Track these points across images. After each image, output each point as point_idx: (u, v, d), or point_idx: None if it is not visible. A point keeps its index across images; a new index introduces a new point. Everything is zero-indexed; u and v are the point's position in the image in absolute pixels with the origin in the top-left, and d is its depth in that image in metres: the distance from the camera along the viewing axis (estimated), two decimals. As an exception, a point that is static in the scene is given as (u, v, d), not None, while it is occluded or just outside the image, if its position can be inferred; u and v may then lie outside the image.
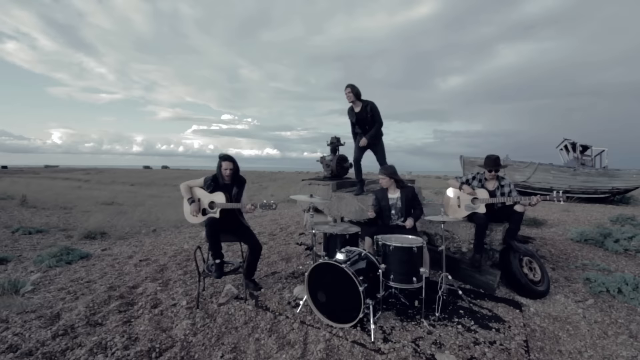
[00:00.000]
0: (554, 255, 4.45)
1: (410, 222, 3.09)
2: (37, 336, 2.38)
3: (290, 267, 3.89)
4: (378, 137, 3.94)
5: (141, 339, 2.31)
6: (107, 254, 4.96)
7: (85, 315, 2.71)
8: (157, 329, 2.44)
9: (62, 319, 2.65)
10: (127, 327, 2.49)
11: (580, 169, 11.56)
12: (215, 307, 2.77)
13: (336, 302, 2.40)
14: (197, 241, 5.54)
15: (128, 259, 4.62)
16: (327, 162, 4.73)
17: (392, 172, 3.18)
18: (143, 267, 4.14)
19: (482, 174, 3.56)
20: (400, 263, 2.50)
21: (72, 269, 4.22)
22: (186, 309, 2.74)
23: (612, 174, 11.23)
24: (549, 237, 5.41)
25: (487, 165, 3.42)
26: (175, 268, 4.03)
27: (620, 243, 4.82)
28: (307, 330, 2.38)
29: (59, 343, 2.27)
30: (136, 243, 5.71)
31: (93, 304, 2.94)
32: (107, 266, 4.25)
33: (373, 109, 3.83)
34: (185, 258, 4.52)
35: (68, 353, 2.16)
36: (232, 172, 2.99)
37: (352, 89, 3.79)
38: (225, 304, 2.82)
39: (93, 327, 2.51)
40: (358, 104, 3.91)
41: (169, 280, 3.56)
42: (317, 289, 2.50)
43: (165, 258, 4.55)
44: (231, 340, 2.27)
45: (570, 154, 12.76)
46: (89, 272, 4.00)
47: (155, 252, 4.97)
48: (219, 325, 2.48)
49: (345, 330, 2.36)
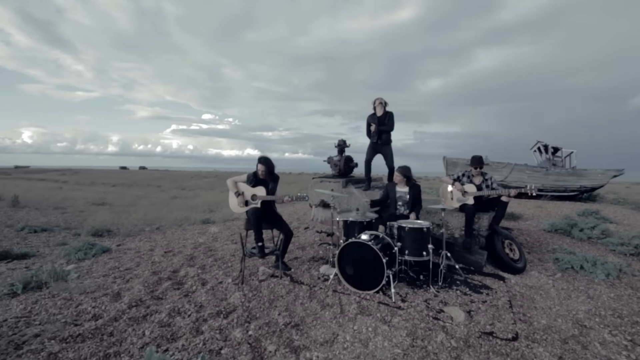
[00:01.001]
0: (529, 243, 5.21)
1: (413, 215, 3.73)
2: (113, 308, 2.84)
3: (308, 253, 4.45)
4: (388, 142, 4.66)
5: (206, 306, 2.82)
6: (126, 248, 5.31)
7: (146, 292, 3.18)
8: (216, 299, 2.96)
9: (125, 296, 3.11)
10: (189, 298, 3.00)
11: (552, 169, 12.68)
12: (257, 283, 3.30)
13: (362, 273, 3.00)
14: (208, 237, 5.96)
15: (150, 251, 5.02)
16: (335, 162, 5.33)
17: (405, 171, 3.83)
18: (171, 257, 4.56)
19: (469, 172, 4.25)
20: (414, 241, 3.13)
21: (101, 260, 4.59)
22: (233, 285, 3.26)
23: (580, 173, 12.40)
24: (525, 229, 6.21)
25: (473, 163, 4.11)
26: (204, 257, 4.50)
27: (584, 232, 5.65)
28: (340, 296, 2.97)
29: (137, 310, 2.75)
30: (146, 239, 6.02)
31: (147, 284, 3.40)
32: (135, 257, 4.64)
33: (391, 117, 4.69)
34: (206, 249, 4.97)
35: (149, 317, 2.65)
36: (267, 171, 3.52)
37: (384, 103, 4.74)
38: (265, 280, 3.36)
39: (158, 300, 3.00)
40: (381, 112, 4.73)
41: (204, 265, 4.04)
42: (345, 264, 3.09)
43: (188, 249, 4.99)
44: (281, 304, 2.82)
45: (543, 155, 13.91)
46: (120, 263, 4.39)
47: (173, 245, 5.35)
48: (266, 295, 3.02)
49: (370, 295, 2.96)
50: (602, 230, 5.63)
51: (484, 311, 2.76)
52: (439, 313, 2.67)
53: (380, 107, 4.74)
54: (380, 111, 4.72)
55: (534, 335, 2.44)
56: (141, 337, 2.34)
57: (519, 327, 2.54)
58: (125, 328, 2.48)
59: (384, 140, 4.63)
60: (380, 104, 4.72)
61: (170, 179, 32.40)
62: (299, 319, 2.57)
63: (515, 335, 2.40)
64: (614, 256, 4.56)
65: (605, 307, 2.99)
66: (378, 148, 4.71)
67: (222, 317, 2.61)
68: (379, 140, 4.61)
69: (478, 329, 2.46)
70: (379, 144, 4.64)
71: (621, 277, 3.74)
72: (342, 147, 5.38)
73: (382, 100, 4.70)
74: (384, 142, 4.64)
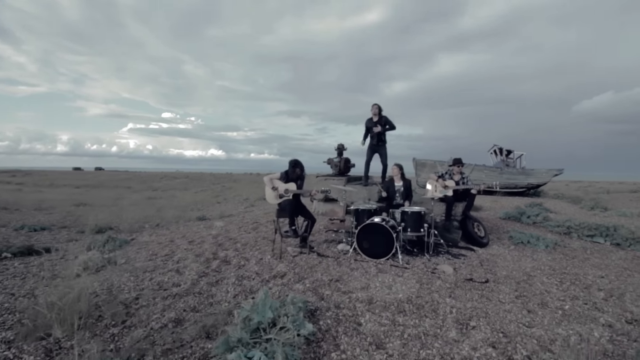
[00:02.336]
0: (489, 227, 6.52)
1: (407, 204, 4.81)
2: (185, 279, 3.57)
3: (319, 238, 5.34)
4: (384, 144, 5.68)
5: (261, 273, 3.66)
6: (142, 241, 5.81)
7: (203, 268, 3.92)
8: (266, 268, 3.80)
9: (186, 272, 3.83)
10: (244, 270, 3.80)
11: (506, 169, 14.62)
12: (291, 258, 4.17)
13: (376, 246, 4.00)
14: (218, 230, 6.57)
15: (171, 242, 5.64)
16: (336, 163, 6.31)
17: (401, 167, 4.90)
18: (199, 245, 5.22)
19: (450, 170, 5.41)
20: (415, 221, 4.20)
21: (131, 250, 5.16)
22: (274, 260, 4.11)
23: (528, 172, 14.44)
24: (485, 217, 7.59)
25: (455, 163, 5.27)
26: (230, 243, 5.23)
27: (530, 218, 7.11)
28: (360, 263, 3.94)
29: (208, 279, 3.52)
30: (155, 234, 6.45)
31: (199, 262, 4.14)
32: (162, 247, 5.21)
33: (387, 119, 5.66)
34: (226, 238, 5.64)
35: (222, 282, 3.44)
36: (299, 172, 4.40)
37: (380, 108, 5.63)
38: (297, 255, 4.24)
39: (218, 272, 3.77)
40: (376, 116, 5.67)
41: (236, 249, 4.80)
42: (362, 240, 4.07)
43: (209, 239, 5.66)
44: (319, 269, 3.73)
45: (498, 157, 15.91)
46: (152, 252, 4.98)
47: (191, 237, 5.92)
48: (304, 265, 3.91)
49: (383, 261, 3.96)
50: (544, 217, 7.13)
51: (464, 268, 3.88)
52: (434, 270, 3.74)
53: (376, 112, 5.65)
54: (376, 117, 5.69)
55: (498, 280, 3.58)
56: (226, 293, 3.14)
57: (488, 276, 3.67)
58: (208, 289, 3.26)
59: (382, 141, 5.67)
60: (377, 109, 5.62)
61: (138, 180, 31.45)
62: (338, 276, 3.51)
63: (486, 280, 3.52)
64: (552, 234, 5.97)
65: (544, 264, 4.24)
66: (376, 149, 5.75)
67: (279, 278, 3.48)
68: (380, 142, 5.65)
69: (462, 277, 3.56)
70: (378, 145, 5.68)
71: (555, 248, 5.08)
72: (341, 150, 6.37)
73: (378, 107, 5.64)
74: (382, 144, 5.69)
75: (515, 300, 3.08)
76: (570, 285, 3.54)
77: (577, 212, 9.34)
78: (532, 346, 2.29)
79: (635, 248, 5.20)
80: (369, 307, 2.81)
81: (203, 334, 2.42)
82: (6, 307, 2.94)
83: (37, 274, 3.90)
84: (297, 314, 2.40)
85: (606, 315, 2.84)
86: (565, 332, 2.50)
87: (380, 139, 5.67)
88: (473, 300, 3.01)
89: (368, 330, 2.45)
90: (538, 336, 2.42)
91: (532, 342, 2.34)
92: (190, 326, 2.54)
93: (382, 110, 5.68)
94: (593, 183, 32.18)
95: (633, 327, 2.65)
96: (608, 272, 4.04)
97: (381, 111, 5.68)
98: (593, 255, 4.81)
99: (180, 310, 2.82)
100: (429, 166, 14.46)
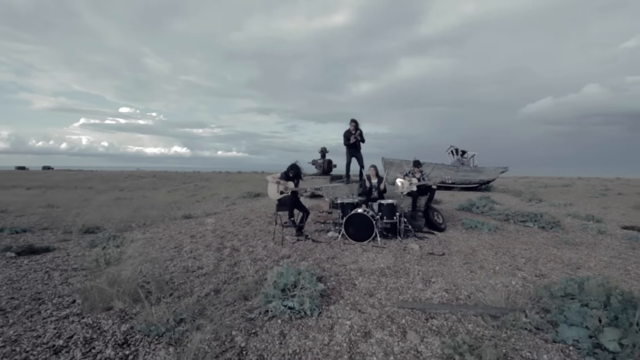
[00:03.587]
0: (447, 216, 7.83)
1: (382, 199, 5.90)
2: (205, 263, 4.33)
3: (311, 228, 6.25)
4: (360, 149, 6.76)
5: (270, 256, 4.51)
6: (138, 238, 6.27)
7: (218, 255, 4.68)
8: (272, 252, 4.66)
9: (203, 259, 4.57)
10: (253, 255, 4.63)
11: (461, 168, 16.45)
12: (291, 244, 5.06)
13: (360, 232, 5.01)
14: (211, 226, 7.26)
15: (170, 238, 6.25)
16: (320, 164, 7.27)
17: (376, 168, 5.96)
18: (203, 238, 5.92)
19: (412, 170, 6.57)
20: (389, 210, 5.27)
21: (136, 246, 5.69)
22: (277, 246, 4.97)
23: (480, 170, 16.38)
24: (444, 208, 8.95)
25: (415, 165, 6.45)
26: (231, 236, 5.98)
27: (479, 208, 8.56)
28: (348, 245, 4.94)
29: (226, 262, 4.31)
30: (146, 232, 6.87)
31: (212, 251, 4.89)
32: (166, 242, 5.81)
33: (361, 132, 6.67)
34: (225, 232, 6.36)
35: (239, 264, 4.24)
36: (296, 173, 5.29)
37: (357, 123, 6.65)
38: (295, 242, 5.13)
39: (233, 257, 4.56)
40: (354, 130, 6.71)
41: (239, 239, 5.58)
42: (348, 227, 5.06)
43: (209, 233, 6.35)
44: (317, 251, 4.67)
45: (455, 157, 17.77)
46: (161, 245, 5.61)
47: (190, 232, 6.56)
48: (303, 248, 4.82)
49: (365, 243, 4.99)
50: (489, 208, 8.61)
51: (427, 245, 5.03)
52: (405, 247, 4.84)
53: (353, 127, 6.76)
54: (354, 130, 6.75)
55: (451, 253, 4.74)
56: (247, 270, 3.96)
57: (444, 250, 4.83)
58: (231, 269, 4.06)
59: (358, 147, 6.74)
60: (354, 125, 6.73)
61: (99, 180, 30.04)
62: (333, 255, 4.48)
63: (443, 253, 4.68)
64: (494, 221, 7.37)
65: (485, 242, 5.50)
66: (354, 153, 6.82)
67: (286, 259, 4.36)
68: (356, 148, 6.72)
69: (425, 252, 4.69)
70: (356, 150, 6.75)
71: (496, 231, 6.42)
72: (324, 152, 7.36)
73: (356, 123, 6.73)
74: (358, 149, 6.76)
75: (462, 265, 4.24)
76: (502, 255, 4.79)
77: (518, 203, 11.11)
78: (471, 290, 3.40)
79: (554, 230, 6.71)
80: (360, 273, 3.81)
81: (241, 297, 3.25)
82: (50, 293, 3.46)
83: (56, 268, 4.32)
84: (310, 278, 3.31)
85: (523, 272, 4.07)
86: (493, 282, 3.66)
87: (356, 146, 6.74)
88: (433, 266, 4.12)
89: (362, 287, 3.44)
90: (475, 284, 3.55)
91: (471, 287, 3.46)
92: (228, 293, 3.36)
93: (359, 124, 6.82)
94: (537, 179, 36.15)
95: (539, 279, 3.87)
96: (531, 246, 5.39)
97: (357, 125, 6.80)
98: (522, 235, 6.20)
99: (215, 283, 3.62)
100: (395, 165, 15.89)
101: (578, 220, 7.93)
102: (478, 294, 3.27)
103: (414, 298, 3.21)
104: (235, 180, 26.48)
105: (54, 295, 3.45)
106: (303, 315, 2.81)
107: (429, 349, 2.36)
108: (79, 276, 4.09)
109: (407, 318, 2.80)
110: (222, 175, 40.12)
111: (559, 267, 4.36)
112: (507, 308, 2.86)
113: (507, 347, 2.38)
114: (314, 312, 2.85)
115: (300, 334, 2.56)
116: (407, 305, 2.97)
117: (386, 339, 2.48)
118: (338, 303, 3.11)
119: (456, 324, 2.70)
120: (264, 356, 2.31)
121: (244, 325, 2.70)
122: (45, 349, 2.43)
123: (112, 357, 2.34)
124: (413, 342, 2.44)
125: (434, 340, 2.46)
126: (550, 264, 4.45)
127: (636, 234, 6.54)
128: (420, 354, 2.31)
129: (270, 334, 2.56)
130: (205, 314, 2.92)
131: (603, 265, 4.52)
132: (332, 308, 2.99)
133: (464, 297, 3.26)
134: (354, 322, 2.73)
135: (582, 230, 6.79)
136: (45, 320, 2.92)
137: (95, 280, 3.38)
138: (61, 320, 2.91)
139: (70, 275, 4.08)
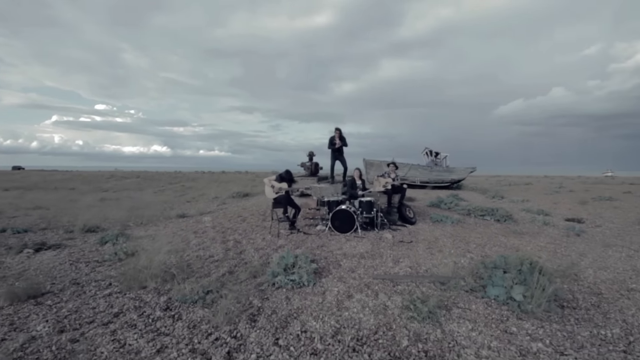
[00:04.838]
0: (419, 211, 8.94)
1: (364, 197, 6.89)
2: (215, 252, 5.15)
3: (301, 223, 7.15)
4: (343, 153, 7.73)
5: (269, 246, 5.39)
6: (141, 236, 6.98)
7: (224, 246, 5.51)
8: (271, 243, 5.53)
9: (212, 249, 5.39)
10: (255, 245, 5.48)
11: (435, 168, 17.82)
12: (286, 236, 5.95)
13: (343, 224, 5.97)
14: (209, 223, 8.06)
15: (174, 235, 7.01)
16: (308, 166, 8.20)
17: (360, 170, 6.93)
18: (204, 234, 6.70)
19: (388, 171, 7.61)
20: (368, 206, 6.26)
21: (143, 242, 6.44)
22: (274, 238, 5.85)
23: (451, 170, 17.81)
24: (417, 205, 10.07)
25: (389, 166, 7.48)
26: (231, 232, 6.80)
27: (446, 205, 9.74)
28: (334, 237, 5.89)
29: (233, 252, 5.15)
30: (148, 230, 7.73)
31: (218, 243, 5.70)
32: (172, 238, 6.60)
33: (344, 138, 7.63)
34: (224, 228, 7.16)
35: (245, 252, 5.10)
36: (288, 177, 6.18)
37: (340, 131, 7.56)
38: (289, 235, 6.03)
39: (238, 247, 5.40)
40: (338, 137, 7.63)
41: (240, 234, 6.41)
42: (334, 220, 6.02)
43: (209, 230, 7.14)
44: (308, 241, 5.59)
45: (429, 158, 19.15)
46: (167, 241, 6.36)
47: (190, 230, 7.35)
48: (296, 239, 5.73)
49: (348, 234, 5.96)
50: (455, 204, 9.80)
51: (399, 235, 6.06)
52: (380, 237, 5.85)
53: (337, 134, 7.73)
54: (338, 136, 7.71)
55: (418, 241, 5.79)
56: (253, 256, 4.84)
57: (412, 239, 5.87)
58: (238, 256, 4.91)
59: (342, 151, 7.72)
60: (338, 133, 7.71)
61: (80, 181, 29.55)
62: (321, 244, 5.41)
63: (411, 241, 5.72)
64: (458, 215, 8.55)
65: (447, 232, 6.60)
66: (338, 156, 7.79)
67: (283, 248, 5.25)
68: (340, 152, 7.68)
69: (397, 240, 5.71)
70: (340, 153, 7.72)
71: (458, 223, 7.56)
72: (311, 155, 8.29)
73: (340, 131, 7.69)
74: (342, 153, 7.73)
75: (425, 250, 5.29)
76: (458, 242, 5.88)
77: (482, 200, 12.45)
78: (430, 266, 4.43)
79: (507, 222, 7.92)
80: (344, 257, 4.78)
81: (251, 276, 4.13)
82: (85, 279, 4.16)
83: (77, 261, 4.93)
84: (306, 260, 4.24)
85: (471, 254, 5.15)
86: (448, 260, 4.71)
87: (340, 150, 7.72)
88: (402, 251, 5.15)
89: (346, 266, 4.40)
90: (433, 263, 4.59)
91: (429, 265, 4.50)
92: (241, 273, 4.22)
93: (342, 132, 7.77)
94: (507, 177, 38.58)
95: (483, 258, 4.95)
96: (484, 235, 6.53)
97: (341, 133, 7.76)
98: (479, 227, 7.37)
99: (228, 267, 4.47)
100: (376, 165, 17.02)
101: (530, 214, 9.24)
102: (433, 269, 4.30)
103: (385, 273, 4.20)
104: (222, 181, 26.92)
105: (90, 280, 4.18)
106: (302, 285, 3.73)
107: (394, 303, 3.34)
108: (104, 265, 4.81)
109: (379, 285, 3.77)
110: (206, 175, 40.19)
111: (501, 250, 5.48)
112: (452, 277, 3.90)
113: (449, 301, 3.39)
114: (310, 283, 3.77)
115: (301, 298, 3.49)
116: (380, 277, 3.96)
117: (363, 299, 3.45)
118: (328, 277, 4.05)
119: (414, 288, 3.71)
120: (276, 311, 3.21)
121: (258, 293, 3.59)
122: (106, 315, 3.22)
123: (161, 316, 3.18)
124: (382, 300, 3.41)
125: (398, 298, 3.45)
126: (495, 248, 5.57)
127: (574, 225, 7.85)
128: (387, 307, 3.28)
129: (279, 298, 3.47)
130: (226, 287, 3.78)
131: (538, 248, 5.68)
132: (323, 280, 3.93)
133: (422, 271, 4.28)
134: (340, 289, 3.69)
135: (531, 222, 8.04)
136: (93, 297, 3.68)
137: (126, 266, 4.16)
138: (107, 297, 3.68)
139: (95, 265, 4.79)
